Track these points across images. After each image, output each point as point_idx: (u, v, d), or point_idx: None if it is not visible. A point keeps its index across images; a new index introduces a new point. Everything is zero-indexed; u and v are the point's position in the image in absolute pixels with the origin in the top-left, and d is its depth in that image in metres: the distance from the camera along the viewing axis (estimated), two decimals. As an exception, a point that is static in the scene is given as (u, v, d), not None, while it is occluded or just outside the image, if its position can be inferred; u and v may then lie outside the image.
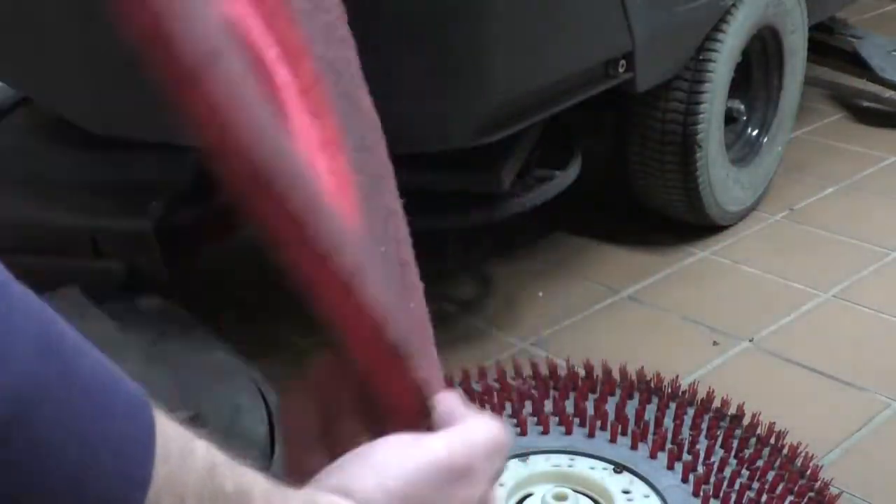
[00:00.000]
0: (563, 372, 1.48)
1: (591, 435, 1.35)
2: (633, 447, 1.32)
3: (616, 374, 1.46)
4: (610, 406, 1.40)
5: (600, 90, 1.66)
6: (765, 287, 1.87)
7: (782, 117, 2.18)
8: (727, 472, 1.27)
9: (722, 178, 1.99)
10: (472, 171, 1.57)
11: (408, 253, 0.55)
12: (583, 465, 1.31)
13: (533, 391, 1.44)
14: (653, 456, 1.31)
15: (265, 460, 1.15)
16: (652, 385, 1.44)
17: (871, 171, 2.36)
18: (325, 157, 0.47)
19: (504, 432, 0.46)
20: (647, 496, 1.26)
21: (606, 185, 2.20)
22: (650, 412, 1.38)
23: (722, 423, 1.36)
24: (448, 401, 0.47)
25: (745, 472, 1.28)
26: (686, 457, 1.29)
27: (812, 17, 2.22)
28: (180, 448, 0.36)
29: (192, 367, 1.25)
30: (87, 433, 0.34)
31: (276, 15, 0.48)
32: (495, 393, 1.44)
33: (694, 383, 1.44)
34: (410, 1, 1.34)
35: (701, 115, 1.87)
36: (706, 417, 1.38)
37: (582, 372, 1.47)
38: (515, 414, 1.39)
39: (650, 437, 1.33)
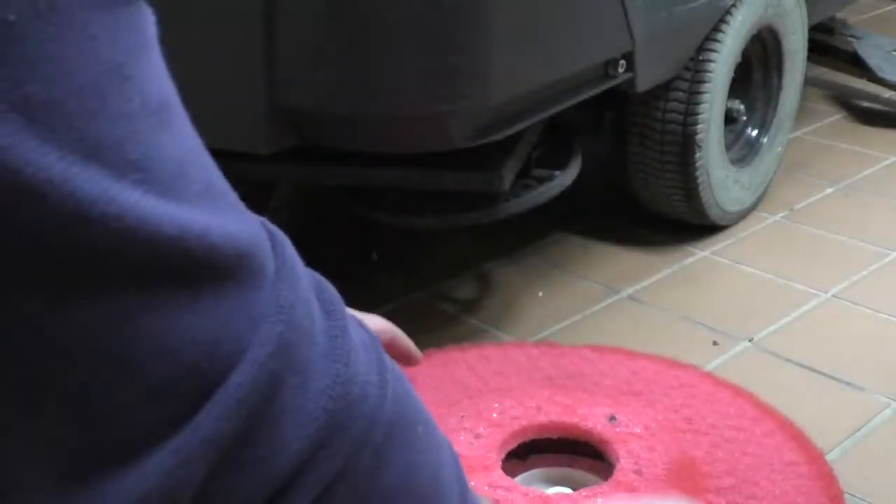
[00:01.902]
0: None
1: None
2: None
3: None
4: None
5: (600, 90, 1.66)
6: (765, 287, 1.87)
7: (782, 117, 2.18)
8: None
9: (722, 178, 1.99)
10: (472, 171, 1.57)
11: None
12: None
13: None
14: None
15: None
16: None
17: (870, 171, 2.36)
18: None
19: None
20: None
21: (606, 185, 2.20)
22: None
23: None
24: None
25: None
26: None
27: (812, 17, 2.22)
28: None
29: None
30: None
31: None
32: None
33: (694, 383, 1.44)
34: (410, 1, 1.34)
35: (701, 116, 1.87)
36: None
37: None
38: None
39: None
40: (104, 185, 0.30)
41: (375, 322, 0.80)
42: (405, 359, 0.87)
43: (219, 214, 0.35)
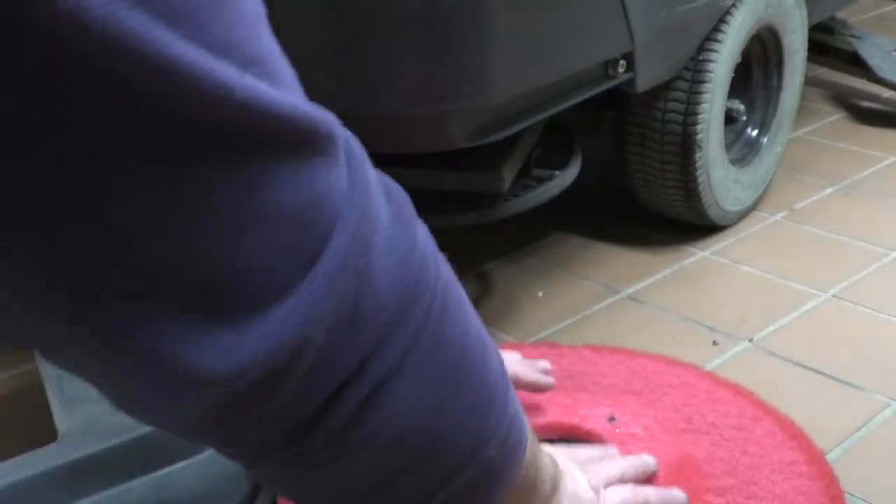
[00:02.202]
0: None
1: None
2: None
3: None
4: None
5: (600, 90, 1.66)
6: (765, 287, 1.87)
7: (782, 117, 2.18)
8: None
9: (722, 179, 1.99)
10: (472, 171, 1.57)
11: None
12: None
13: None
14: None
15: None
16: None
17: (870, 172, 2.36)
18: None
19: None
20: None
21: (606, 185, 2.20)
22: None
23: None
24: None
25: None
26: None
27: (812, 17, 2.22)
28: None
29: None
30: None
31: None
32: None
33: (694, 383, 1.44)
34: (410, 1, 1.34)
35: (701, 116, 1.87)
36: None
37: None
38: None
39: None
40: (236, 75, 0.37)
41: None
42: (534, 387, 0.97)
43: (309, 101, 0.42)
